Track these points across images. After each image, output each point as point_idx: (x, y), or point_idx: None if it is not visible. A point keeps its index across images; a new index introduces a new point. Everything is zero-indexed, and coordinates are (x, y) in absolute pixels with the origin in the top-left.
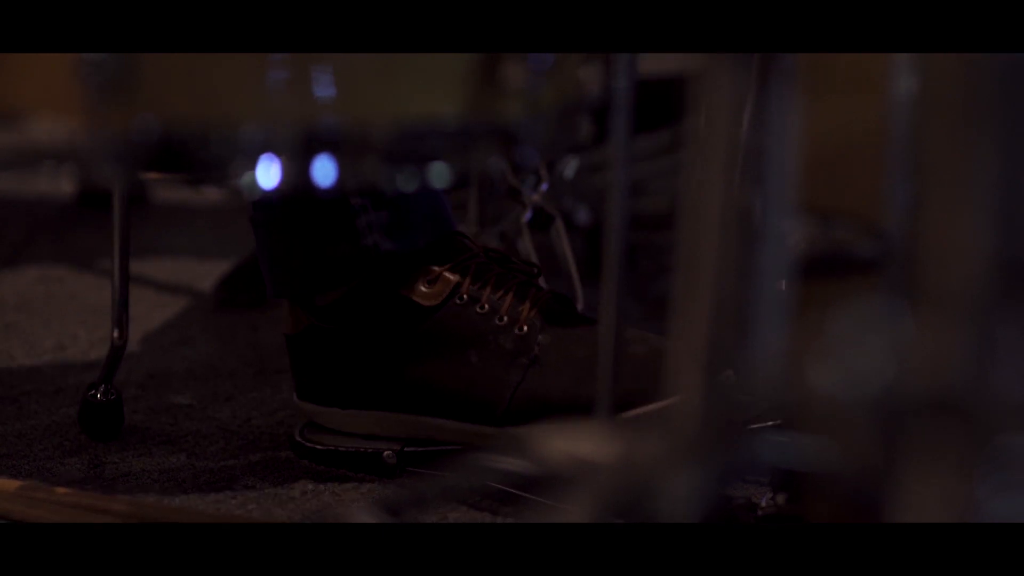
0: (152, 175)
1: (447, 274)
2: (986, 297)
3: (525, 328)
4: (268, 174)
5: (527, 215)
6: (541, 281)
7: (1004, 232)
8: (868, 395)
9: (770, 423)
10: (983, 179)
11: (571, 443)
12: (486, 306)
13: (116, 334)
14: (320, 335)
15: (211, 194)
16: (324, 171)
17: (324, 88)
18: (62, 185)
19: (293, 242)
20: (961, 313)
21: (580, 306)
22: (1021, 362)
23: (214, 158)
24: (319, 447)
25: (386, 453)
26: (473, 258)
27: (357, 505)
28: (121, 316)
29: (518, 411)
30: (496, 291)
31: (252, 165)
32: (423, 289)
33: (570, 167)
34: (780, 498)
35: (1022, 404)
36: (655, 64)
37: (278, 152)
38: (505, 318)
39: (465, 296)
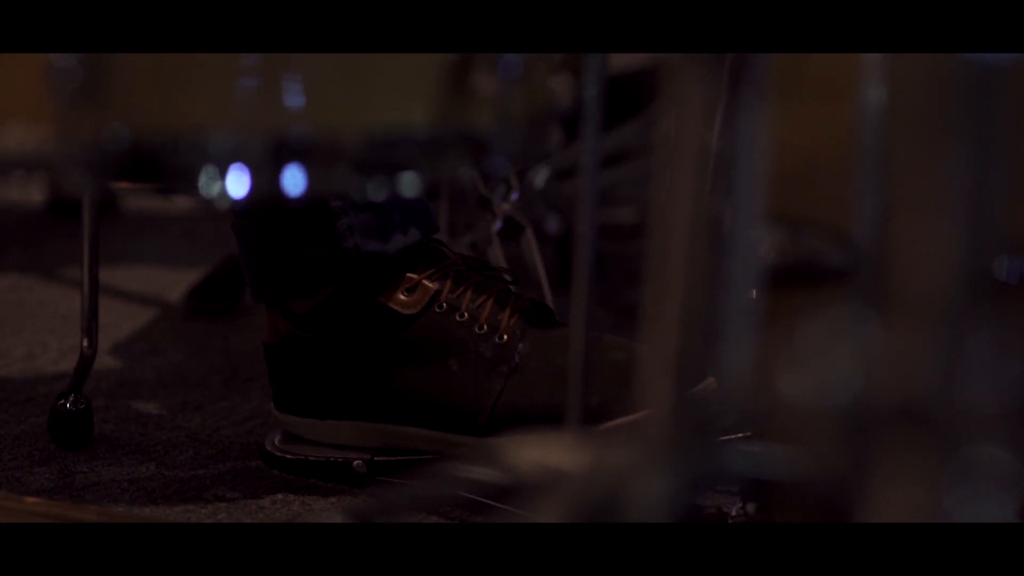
0: (122, 184)
1: (426, 282)
2: (955, 306)
3: (505, 337)
4: (238, 183)
5: (497, 224)
6: (517, 289)
7: (973, 241)
8: (837, 404)
9: (740, 432)
10: (952, 188)
11: (541, 452)
12: (465, 314)
13: (85, 343)
14: (299, 344)
15: (181, 203)
16: (294, 180)
17: (294, 97)
18: (32, 194)
19: (273, 246)
20: (930, 322)
21: None
22: (989, 371)
23: (184, 167)
24: (289, 456)
25: (356, 463)
26: (452, 266)
27: (327, 514)
28: (91, 325)
29: (499, 420)
30: (475, 299)
31: (222, 174)
32: (402, 297)
33: (540, 176)
34: (750, 507)
35: (990, 413)
36: (623, 60)
37: (248, 161)
38: (485, 326)
39: (444, 304)
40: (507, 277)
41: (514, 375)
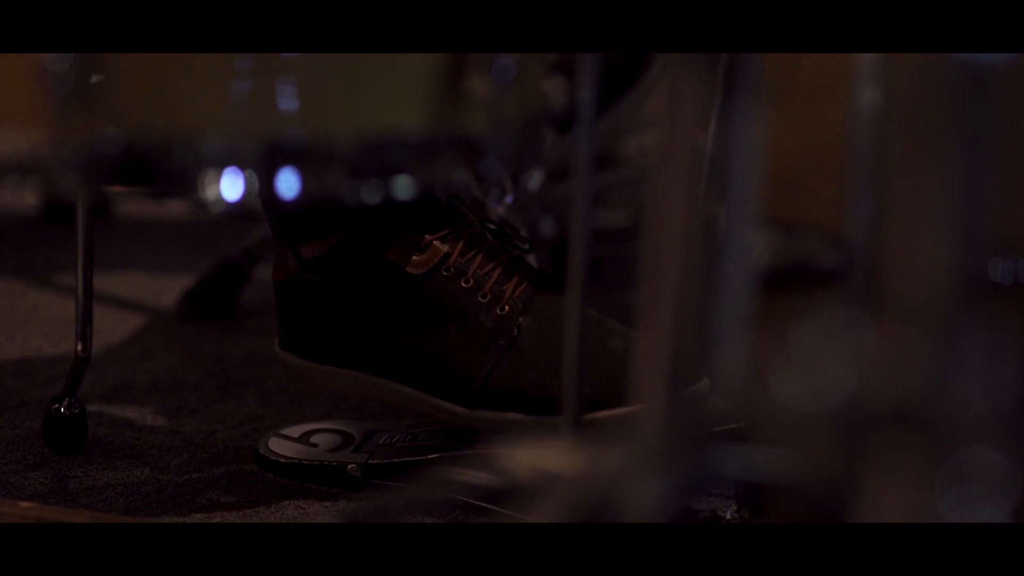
0: (116, 188)
1: (437, 243)
2: (948, 308)
3: (507, 308)
4: (232, 186)
5: None
6: (532, 259)
7: (966, 243)
8: (831, 406)
9: (733, 435)
10: (946, 190)
11: (535, 456)
12: (471, 280)
13: (79, 347)
14: (305, 287)
15: (175, 207)
16: (288, 184)
17: (288, 100)
18: (26, 198)
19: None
20: (923, 324)
21: None
22: (982, 373)
23: (178, 171)
24: (283, 460)
25: (350, 466)
26: (466, 228)
27: (322, 518)
28: (85, 329)
29: (490, 393)
30: (484, 266)
31: (216, 178)
32: (412, 256)
33: (534, 179)
34: (744, 510)
35: (983, 415)
36: None
37: (242, 165)
38: (488, 295)
39: (452, 268)
40: (523, 244)
41: (511, 350)
